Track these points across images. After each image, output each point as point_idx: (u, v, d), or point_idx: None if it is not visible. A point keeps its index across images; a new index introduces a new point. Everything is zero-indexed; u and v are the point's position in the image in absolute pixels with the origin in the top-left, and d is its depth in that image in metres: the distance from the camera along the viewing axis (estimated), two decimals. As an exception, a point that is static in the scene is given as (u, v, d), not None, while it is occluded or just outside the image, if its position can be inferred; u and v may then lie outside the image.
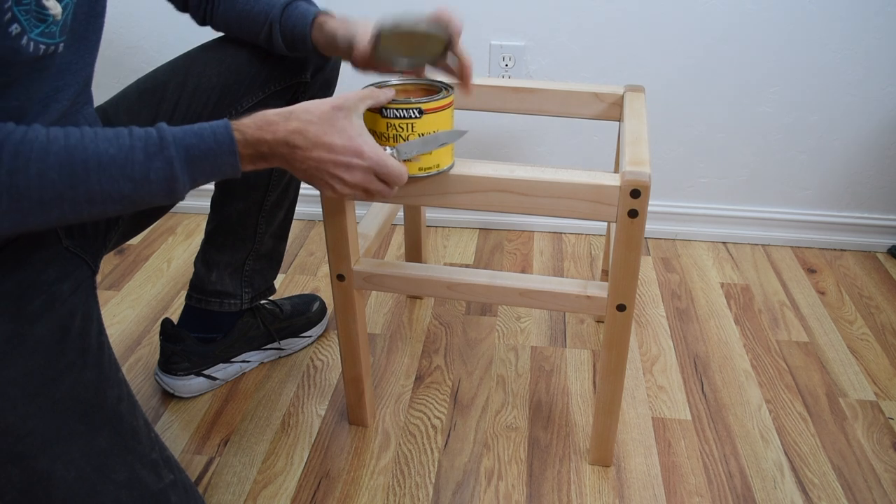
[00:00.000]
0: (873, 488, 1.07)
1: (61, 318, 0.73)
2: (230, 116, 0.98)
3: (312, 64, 1.05)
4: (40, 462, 0.69)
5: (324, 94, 1.09)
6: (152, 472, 0.76)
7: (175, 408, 1.19)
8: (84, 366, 0.74)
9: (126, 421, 0.76)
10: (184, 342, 1.17)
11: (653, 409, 1.20)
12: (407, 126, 0.84)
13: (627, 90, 1.17)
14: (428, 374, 1.27)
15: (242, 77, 1.00)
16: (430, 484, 1.06)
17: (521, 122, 1.61)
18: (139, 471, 0.75)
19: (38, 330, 0.71)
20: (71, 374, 0.72)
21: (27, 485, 0.70)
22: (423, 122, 0.84)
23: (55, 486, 0.70)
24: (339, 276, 1.01)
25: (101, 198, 0.64)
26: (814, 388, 1.26)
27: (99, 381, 0.75)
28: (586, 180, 0.88)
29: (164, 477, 0.77)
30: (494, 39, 1.53)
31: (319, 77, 1.06)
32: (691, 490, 1.06)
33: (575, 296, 0.96)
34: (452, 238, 1.70)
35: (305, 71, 1.04)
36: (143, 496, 0.75)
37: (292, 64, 1.03)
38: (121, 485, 0.73)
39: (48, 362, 0.71)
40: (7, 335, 0.69)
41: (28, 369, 0.69)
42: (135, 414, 0.77)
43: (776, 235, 1.69)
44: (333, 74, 1.09)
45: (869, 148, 1.58)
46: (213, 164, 0.70)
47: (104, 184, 0.64)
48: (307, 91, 1.06)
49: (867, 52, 1.47)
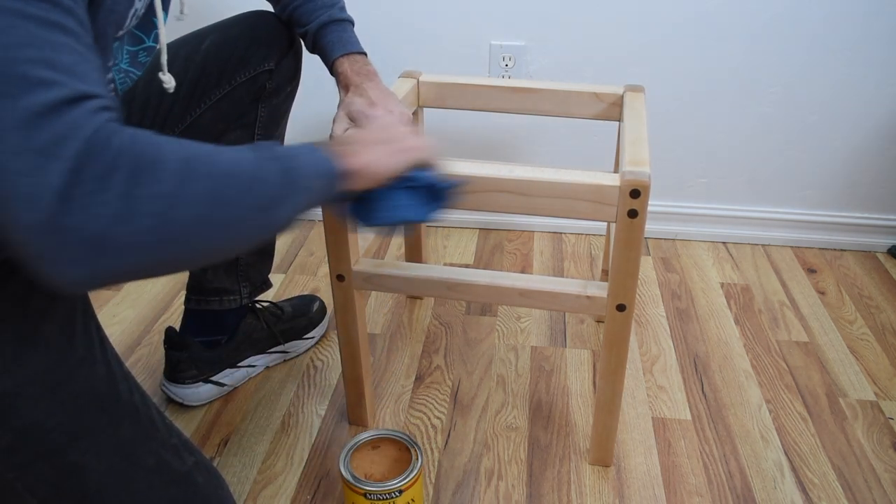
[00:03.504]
0: (873, 488, 1.07)
1: (65, 315, 0.74)
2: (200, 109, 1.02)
3: (277, 52, 1.06)
4: (70, 456, 0.70)
5: (289, 83, 1.10)
6: (176, 456, 0.77)
7: (175, 408, 1.19)
8: (94, 361, 0.75)
9: (141, 411, 0.77)
10: (189, 349, 1.17)
11: (653, 409, 1.20)
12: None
13: (627, 90, 1.17)
14: (428, 374, 1.27)
15: (210, 70, 1.02)
16: (430, 484, 1.06)
17: (521, 122, 1.61)
18: (164, 455, 0.76)
19: (47, 328, 0.71)
20: (83, 369, 0.73)
21: (59, 480, 0.70)
22: (402, 498, 0.91)
23: (88, 479, 0.71)
24: (339, 276, 1.01)
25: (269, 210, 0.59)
26: (814, 388, 1.26)
27: (109, 375, 0.76)
28: (586, 180, 0.88)
29: (187, 460, 0.78)
30: (494, 39, 1.54)
31: (284, 64, 1.08)
32: (691, 490, 1.06)
33: (575, 296, 0.96)
34: (452, 238, 1.70)
35: (270, 60, 1.05)
36: (173, 479, 0.76)
37: (257, 54, 1.04)
38: (151, 470, 0.74)
39: (61, 358, 0.72)
40: (18, 335, 0.69)
41: (43, 366, 0.70)
42: (147, 404, 0.79)
43: (776, 235, 1.69)
44: (297, 61, 1.11)
45: (869, 148, 1.58)
46: (316, 162, 0.66)
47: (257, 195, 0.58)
48: (273, 78, 1.07)
49: (867, 52, 1.47)
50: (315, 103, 1.54)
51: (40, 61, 0.49)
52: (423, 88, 1.24)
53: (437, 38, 1.54)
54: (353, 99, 0.99)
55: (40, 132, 0.47)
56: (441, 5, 1.51)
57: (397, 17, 1.53)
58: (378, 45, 1.54)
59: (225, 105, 1.04)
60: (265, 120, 1.09)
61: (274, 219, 0.60)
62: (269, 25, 1.06)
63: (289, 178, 0.61)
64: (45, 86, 0.48)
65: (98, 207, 0.47)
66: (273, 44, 1.05)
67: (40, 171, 0.46)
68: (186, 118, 1.02)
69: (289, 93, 1.11)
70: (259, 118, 1.08)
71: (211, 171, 0.54)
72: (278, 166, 0.60)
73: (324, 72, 1.04)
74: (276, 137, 1.13)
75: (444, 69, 1.55)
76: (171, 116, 1.01)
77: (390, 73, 1.30)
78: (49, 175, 0.46)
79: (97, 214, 0.47)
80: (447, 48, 1.55)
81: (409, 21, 1.53)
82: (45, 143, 0.47)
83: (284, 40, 1.06)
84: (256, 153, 0.60)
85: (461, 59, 1.56)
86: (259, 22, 1.06)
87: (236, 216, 0.56)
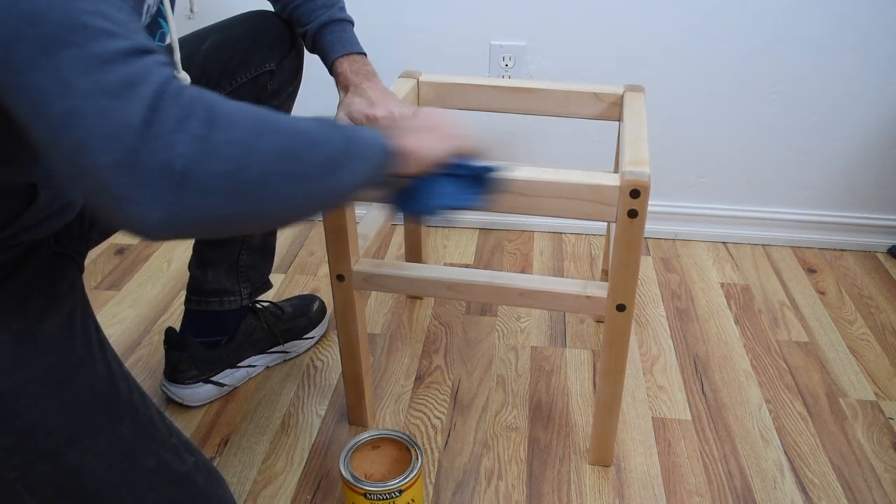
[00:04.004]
0: (873, 488, 1.07)
1: (64, 316, 0.74)
2: None
3: (278, 53, 1.06)
4: (70, 456, 0.70)
5: (290, 83, 1.10)
6: (176, 456, 0.77)
7: (175, 408, 1.19)
8: (94, 361, 0.75)
9: (141, 411, 0.77)
10: (190, 349, 1.17)
11: (653, 409, 1.20)
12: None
13: (627, 90, 1.17)
14: (428, 374, 1.27)
15: (211, 72, 1.01)
16: (430, 484, 1.06)
17: (521, 122, 1.61)
18: (164, 455, 0.76)
19: (46, 328, 0.72)
20: (83, 369, 0.74)
21: (60, 480, 0.71)
22: (402, 499, 0.92)
23: (88, 478, 0.71)
24: (339, 276, 1.01)
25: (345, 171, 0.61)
26: (814, 388, 1.26)
27: (109, 375, 0.76)
28: (586, 180, 0.88)
29: (187, 460, 0.78)
30: (494, 39, 1.54)
31: (285, 64, 1.07)
32: (691, 490, 1.06)
33: (575, 296, 0.96)
34: (452, 238, 1.70)
35: (271, 60, 1.05)
36: (174, 480, 0.76)
37: (258, 54, 1.04)
38: (151, 471, 0.74)
39: (61, 359, 0.72)
40: (17, 335, 0.70)
41: (43, 367, 0.70)
42: (147, 404, 0.79)
43: (776, 235, 1.69)
44: (299, 61, 1.10)
45: (869, 148, 1.58)
46: (370, 140, 0.69)
47: (331, 154, 0.60)
48: (274, 79, 1.06)
49: (867, 51, 1.47)
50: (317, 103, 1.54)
51: (97, 13, 0.49)
52: (422, 88, 1.24)
53: (437, 38, 1.54)
54: (352, 99, 0.99)
55: (112, 76, 0.47)
56: (441, 5, 1.51)
57: (397, 17, 1.53)
58: (378, 45, 1.54)
59: None
60: None
61: (338, 182, 0.61)
62: (271, 26, 1.05)
63: (350, 145, 0.62)
64: (108, 35, 0.48)
65: (179, 147, 0.48)
66: (274, 44, 1.05)
67: (118, 111, 0.47)
68: None
69: (290, 93, 1.11)
70: None
71: (279, 127, 0.55)
72: (339, 133, 0.62)
73: (325, 71, 1.04)
74: None
75: (444, 69, 1.55)
76: None
77: (390, 73, 1.30)
78: (127, 114, 0.47)
79: (178, 153, 0.48)
80: (447, 48, 1.55)
81: (409, 21, 1.53)
82: (118, 86, 0.47)
83: (286, 41, 1.06)
84: (317, 121, 0.61)
85: (461, 59, 1.56)
86: (260, 22, 1.05)
87: (305, 172, 0.57)
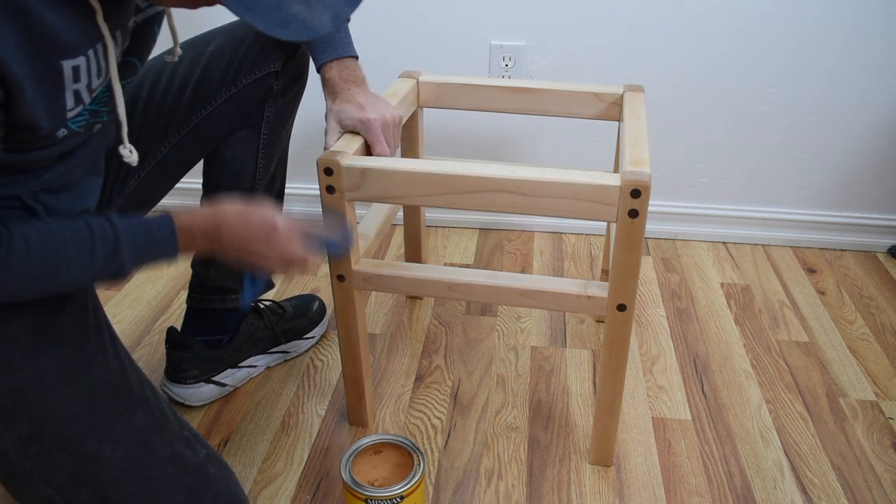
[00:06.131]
0: (873, 488, 1.07)
1: (77, 309, 0.77)
2: (206, 111, 1.02)
3: (283, 54, 1.06)
4: (87, 444, 0.72)
5: (296, 83, 1.10)
6: (189, 447, 0.79)
7: (175, 408, 1.19)
8: (107, 353, 0.78)
9: (153, 403, 0.79)
10: (192, 348, 1.17)
11: (653, 409, 1.20)
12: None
13: (627, 90, 1.17)
14: (428, 374, 1.27)
15: (214, 73, 1.01)
16: (430, 484, 1.06)
17: (521, 122, 1.61)
18: (178, 446, 0.77)
19: (62, 320, 0.75)
20: (97, 360, 0.76)
21: (77, 468, 0.72)
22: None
23: (104, 467, 0.72)
24: (339, 276, 1.01)
25: (66, 287, 0.74)
26: (814, 388, 1.26)
27: (121, 368, 0.78)
28: (586, 180, 0.88)
29: (199, 452, 0.79)
30: (494, 39, 1.53)
31: (290, 65, 1.07)
32: (691, 490, 1.06)
33: (575, 296, 0.96)
34: (452, 238, 1.70)
35: (276, 61, 1.05)
36: (187, 470, 0.77)
37: (262, 55, 1.04)
38: (166, 460, 0.76)
39: (76, 350, 0.75)
40: (34, 326, 0.73)
41: (59, 357, 0.73)
42: (157, 397, 0.81)
43: (776, 235, 1.69)
44: (304, 62, 1.10)
45: (869, 148, 1.58)
46: (155, 257, 0.79)
47: (69, 280, 0.72)
48: (279, 79, 1.06)
49: (867, 52, 1.47)
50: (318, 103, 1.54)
51: None
52: (422, 88, 1.24)
53: (437, 38, 1.54)
54: (342, 106, 0.99)
55: None
56: (441, 5, 1.51)
57: (397, 16, 1.52)
58: (378, 45, 1.54)
59: (231, 106, 1.03)
60: (272, 120, 1.09)
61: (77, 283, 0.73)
62: None
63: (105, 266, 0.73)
64: None
65: None
66: (279, 45, 1.04)
67: None
68: (192, 119, 1.02)
69: (295, 93, 1.11)
70: (265, 119, 1.08)
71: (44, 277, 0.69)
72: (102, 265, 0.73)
73: None
74: (283, 137, 1.13)
75: (444, 69, 1.55)
76: (176, 118, 1.01)
77: (390, 73, 1.30)
78: None
79: None
80: (447, 48, 1.55)
81: (408, 21, 1.53)
82: None
83: (291, 42, 1.06)
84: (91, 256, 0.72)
85: (461, 59, 1.56)
86: None
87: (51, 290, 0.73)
